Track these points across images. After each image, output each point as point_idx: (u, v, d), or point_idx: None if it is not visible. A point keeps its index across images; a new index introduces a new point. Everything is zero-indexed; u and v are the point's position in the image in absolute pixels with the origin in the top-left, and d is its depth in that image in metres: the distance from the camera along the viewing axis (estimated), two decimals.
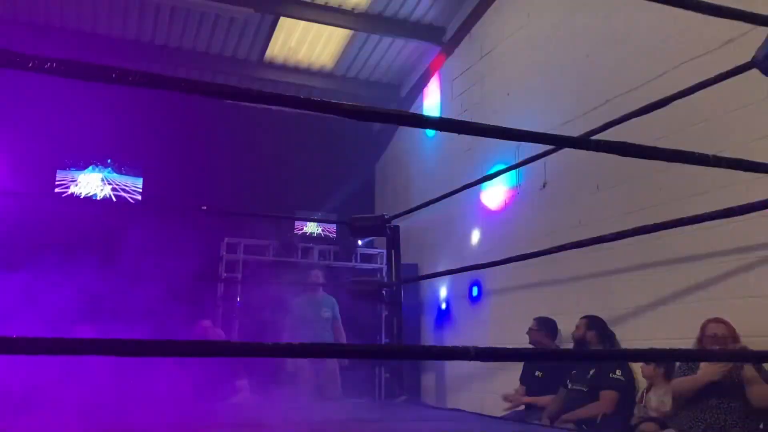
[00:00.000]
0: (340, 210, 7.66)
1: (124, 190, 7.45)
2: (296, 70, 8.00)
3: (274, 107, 7.78)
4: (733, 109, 3.96)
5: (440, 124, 1.21)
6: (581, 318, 4.62)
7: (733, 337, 3.64)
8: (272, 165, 7.93)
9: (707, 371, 3.48)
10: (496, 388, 5.54)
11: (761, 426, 3.42)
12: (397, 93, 8.37)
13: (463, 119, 1.41)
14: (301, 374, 5.97)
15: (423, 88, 7.92)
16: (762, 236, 3.75)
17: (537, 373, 4.87)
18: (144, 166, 7.60)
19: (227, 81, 7.48)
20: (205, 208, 6.74)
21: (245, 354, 1.35)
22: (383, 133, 8.77)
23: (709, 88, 2.31)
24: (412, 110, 7.81)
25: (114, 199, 7.42)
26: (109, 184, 7.44)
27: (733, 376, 3.47)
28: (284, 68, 7.97)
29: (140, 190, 7.52)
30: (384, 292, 4.75)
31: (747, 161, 1.62)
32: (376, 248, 7.82)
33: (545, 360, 4.28)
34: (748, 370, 3.41)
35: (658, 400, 4.10)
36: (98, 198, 7.33)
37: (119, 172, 7.51)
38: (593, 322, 4.57)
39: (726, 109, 3.99)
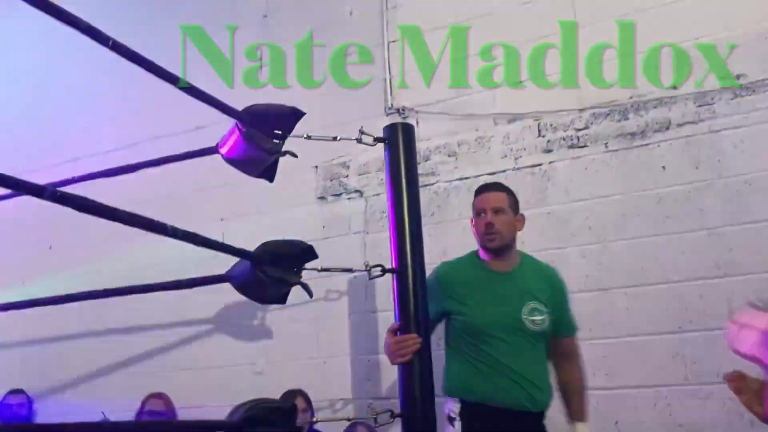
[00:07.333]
0: None
1: None
2: None
3: None
4: (199, 189, 4.18)
5: None
6: None
7: (171, 411, 3.76)
8: None
9: None
10: None
11: None
12: None
13: None
14: None
15: None
16: (204, 311, 4.00)
17: None
18: None
19: None
20: None
21: None
22: None
23: (183, 166, 2.35)
24: None
25: None
26: None
27: None
28: None
29: None
30: None
31: (202, 236, 1.66)
32: None
33: None
34: None
35: None
36: None
37: None
38: None
39: (193, 188, 4.19)
